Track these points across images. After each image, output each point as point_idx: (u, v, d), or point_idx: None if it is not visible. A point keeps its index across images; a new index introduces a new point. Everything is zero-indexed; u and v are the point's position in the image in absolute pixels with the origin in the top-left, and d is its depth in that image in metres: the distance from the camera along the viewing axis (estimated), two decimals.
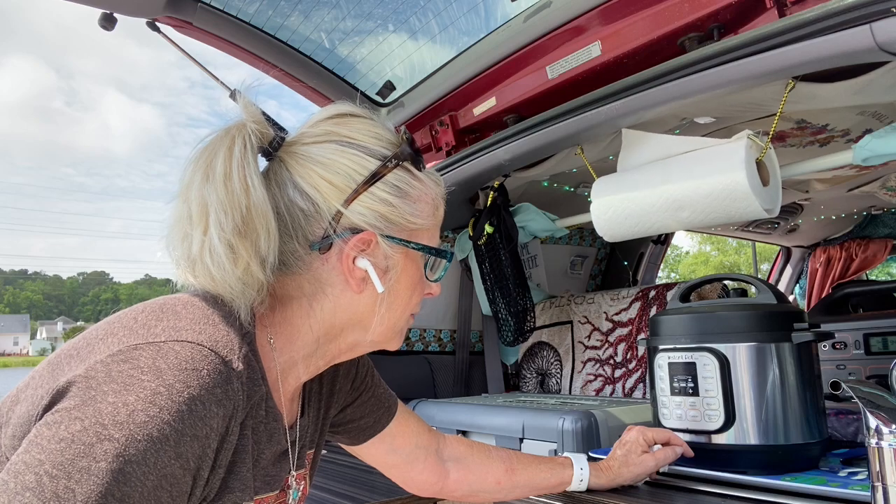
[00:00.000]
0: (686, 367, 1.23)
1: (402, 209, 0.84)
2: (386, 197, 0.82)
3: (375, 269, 0.82)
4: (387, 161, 0.83)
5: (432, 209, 0.89)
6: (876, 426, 0.87)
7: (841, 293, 1.83)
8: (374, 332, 0.87)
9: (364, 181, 0.81)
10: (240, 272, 0.75)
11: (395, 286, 0.85)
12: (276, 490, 0.84)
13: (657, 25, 1.45)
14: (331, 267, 0.82)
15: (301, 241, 0.81)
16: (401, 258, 0.85)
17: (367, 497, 1.27)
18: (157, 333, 0.70)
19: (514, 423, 1.60)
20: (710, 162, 1.42)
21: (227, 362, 0.70)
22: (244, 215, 0.75)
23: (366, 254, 0.82)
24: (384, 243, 0.82)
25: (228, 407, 0.69)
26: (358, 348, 0.90)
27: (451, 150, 2.03)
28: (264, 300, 0.80)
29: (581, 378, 2.11)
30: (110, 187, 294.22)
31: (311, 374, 0.89)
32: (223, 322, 0.74)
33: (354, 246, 0.81)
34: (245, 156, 0.77)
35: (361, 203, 0.81)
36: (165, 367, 0.66)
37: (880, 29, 1.05)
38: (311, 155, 0.82)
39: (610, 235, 1.68)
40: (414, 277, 0.88)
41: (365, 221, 0.81)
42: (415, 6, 1.75)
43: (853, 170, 2.02)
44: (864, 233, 3.33)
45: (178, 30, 1.81)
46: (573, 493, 1.20)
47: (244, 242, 0.75)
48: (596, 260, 2.78)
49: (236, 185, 0.75)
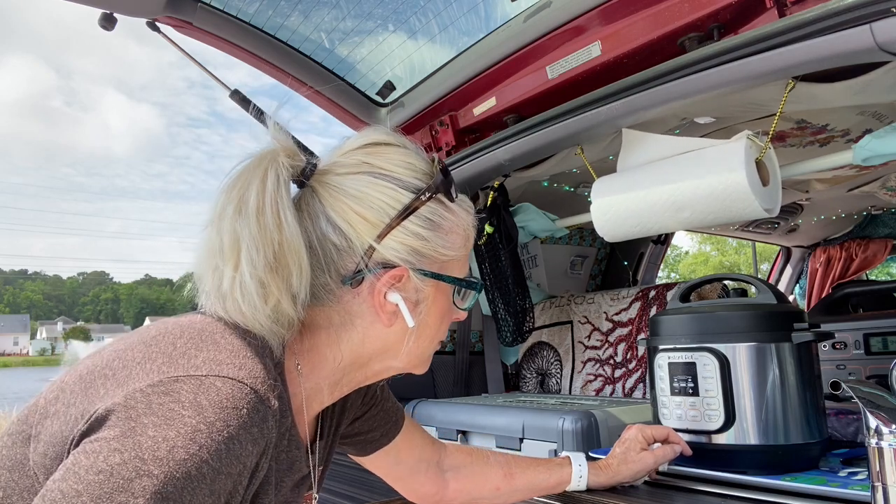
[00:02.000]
0: (686, 367, 1.23)
1: (435, 242, 0.83)
2: (419, 231, 0.81)
3: (406, 302, 0.82)
4: (420, 194, 0.82)
5: (464, 240, 0.88)
6: (876, 426, 0.87)
7: (841, 293, 1.83)
8: (401, 360, 0.87)
9: (397, 216, 0.80)
10: (269, 309, 0.74)
11: (426, 318, 0.85)
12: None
13: (657, 25, 1.45)
14: (361, 300, 0.82)
15: (333, 275, 0.80)
16: (432, 291, 0.84)
17: (367, 497, 1.27)
18: (199, 366, 0.69)
19: (514, 423, 1.60)
20: (710, 162, 1.42)
21: (265, 400, 0.69)
22: (276, 251, 0.74)
23: (397, 288, 0.81)
24: (416, 277, 0.82)
25: (262, 444, 0.69)
26: (384, 374, 0.90)
27: (451, 150, 2.03)
28: (294, 332, 0.80)
29: (581, 378, 2.11)
30: (110, 187, 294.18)
31: (334, 399, 0.89)
32: (259, 355, 0.73)
33: (386, 282, 0.80)
34: (278, 189, 0.76)
35: (394, 238, 0.80)
36: (207, 403, 0.65)
37: (880, 29, 1.05)
38: (343, 187, 0.80)
39: (610, 235, 1.68)
40: (443, 308, 0.88)
41: (397, 257, 0.80)
42: (415, 6, 1.75)
43: (853, 170, 2.02)
44: (864, 233, 3.33)
45: (178, 30, 1.81)
46: (573, 493, 1.20)
47: (275, 279, 0.74)
48: (596, 260, 2.78)
49: (269, 221, 0.74)
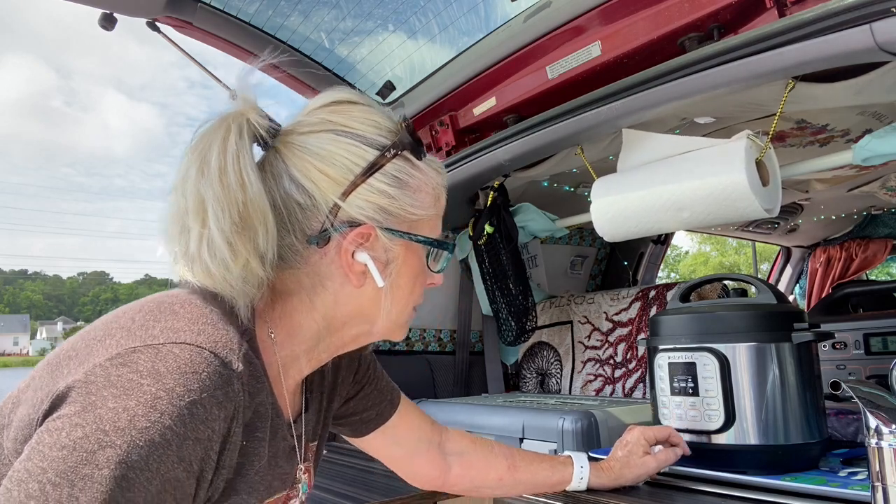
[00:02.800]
0: (686, 367, 1.23)
1: (402, 200, 0.81)
2: (385, 188, 0.80)
3: (375, 262, 0.81)
4: (385, 151, 0.80)
5: (433, 199, 0.87)
6: (876, 426, 0.87)
7: (841, 293, 1.83)
8: (377, 324, 0.86)
9: (362, 173, 0.79)
10: (239, 269, 0.74)
11: (397, 279, 0.84)
12: (287, 487, 0.84)
13: (657, 25, 1.45)
14: (329, 261, 0.81)
15: (298, 235, 0.79)
16: (401, 251, 0.83)
17: (367, 497, 1.27)
18: (156, 335, 0.69)
19: (514, 423, 1.60)
20: (711, 162, 1.42)
21: (227, 363, 0.69)
22: (241, 211, 0.74)
23: (365, 247, 0.80)
24: (384, 236, 0.81)
25: (230, 408, 0.68)
26: (361, 339, 0.89)
27: (451, 150, 2.03)
28: (264, 295, 0.79)
29: (581, 378, 2.11)
30: (110, 187, 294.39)
31: (313, 367, 0.88)
32: (222, 321, 0.74)
33: (353, 240, 0.79)
34: (241, 149, 0.75)
35: (360, 195, 0.79)
36: (165, 370, 0.65)
37: (880, 29, 1.05)
38: (306, 146, 0.80)
39: (610, 236, 1.68)
40: (416, 269, 0.86)
41: (363, 214, 0.79)
42: (415, 6, 1.75)
43: (853, 170, 2.02)
44: (864, 233, 3.33)
45: (178, 30, 1.81)
46: (573, 493, 1.20)
47: (242, 239, 0.74)
48: (596, 260, 2.78)
49: (232, 181, 0.74)
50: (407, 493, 1.29)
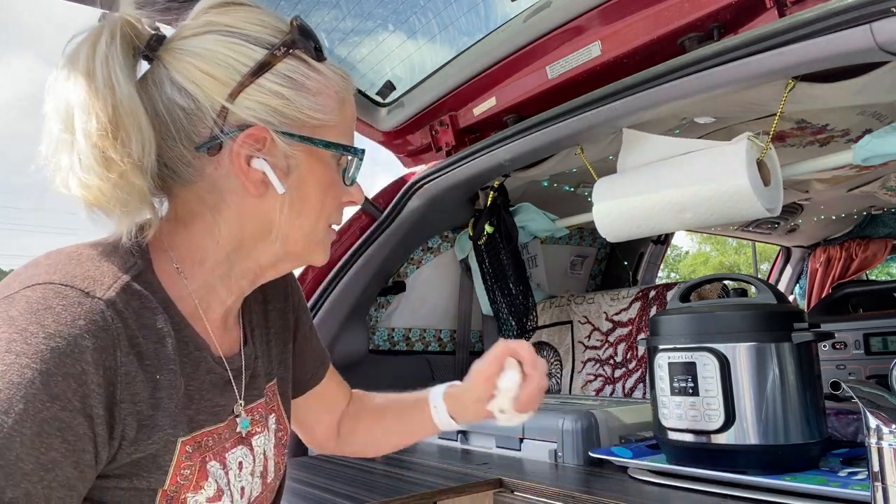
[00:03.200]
0: (686, 367, 1.23)
1: (300, 102, 0.76)
2: (277, 89, 0.74)
3: (275, 169, 0.76)
4: (275, 49, 0.75)
5: (337, 103, 0.80)
6: (876, 426, 0.87)
7: (841, 293, 1.83)
8: (288, 242, 0.81)
9: (250, 72, 0.73)
10: (115, 178, 0.69)
11: (303, 188, 0.79)
12: (223, 421, 0.80)
13: (657, 25, 1.45)
14: (225, 172, 0.76)
15: (186, 143, 0.74)
16: (304, 157, 0.78)
17: (367, 497, 1.27)
18: (12, 286, 0.66)
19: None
20: (712, 165, 1.42)
21: (88, 293, 0.66)
22: (110, 115, 0.69)
23: (262, 153, 0.75)
24: (281, 140, 0.75)
25: (103, 338, 0.65)
26: (280, 264, 0.84)
27: (451, 150, 2.03)
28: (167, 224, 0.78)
29: (581, 378, 2.11)
30: None
31: (237, 297, 0.84)
32: (94, 259, 0.70)
33: (244, 143, 0.74)
34: (110, 51, 0.70)
35: (249, 97, 0.74)
36: (17, 314, 0.63)
37: (880, 29, 1.05)
38: (188, 48, 0.74)
39: (612, 236, 1.68)
40: (324, 179, 0.81)
41: (255, 116, 0.74)
42: (415, 6, 1.75)
43: (853, 170, 2.02)
44: (864, 233, 3.33)
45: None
46: (573, 493, 1.20)
47: (114, 145, 0.69)
48: (596, 260, 2.78)
49: (100, 83, 0.69)
50: (407, 493, 1.29)
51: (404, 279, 2.22)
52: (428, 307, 2.29)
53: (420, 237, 2.17)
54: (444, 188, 1.95)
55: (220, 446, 0.80)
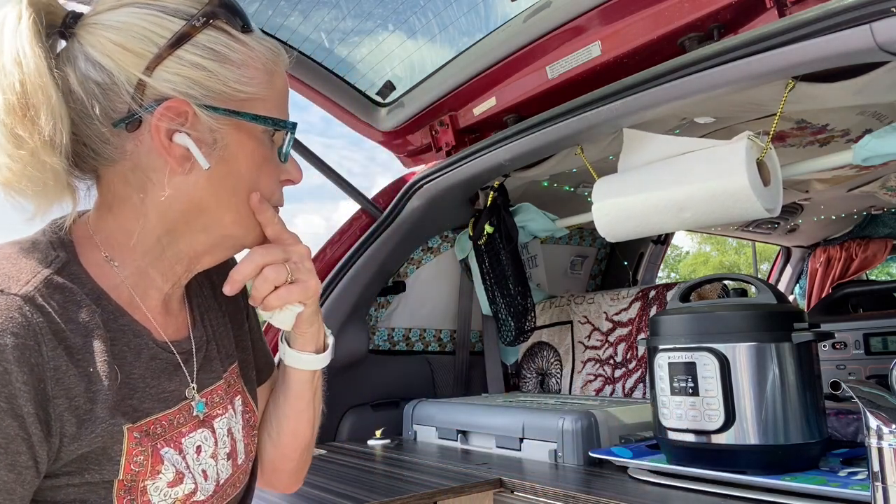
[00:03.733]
0: (686, 367, 1.23)
1: (224, 75, 0.73)
2: (198, 61, 0.72)
3: (199, 144, 0.73)
4: (193, 20, 0.72)
5: (266, 76, 0.77)
6: (876, 426, 0.87)
7: (841, 293, 1.83)
8: (221, 222, 0.78)
9: (167, 45, 0.71)
10: (25, 155, 0.68)
11: (233, 164, 0.76)
12: (174, 406, 0.78)
13: (657, 25, 1.45)
14: (147, 148, 0.73)
15: (103, 119, 0.72)
16: (231, 131, 0.75)
17: (367, 497, 1.27)
18: None
19: (514, 423, 1.60)
20: (712, 164, 1.42)
21: (3, 290, 0.65)
22: (18, 92, 0.67)
23: (185, 127, 0.72)
24: (205, 114, 0.72)
25: (24, 335, 0.64)
26: (216, 250, 0.81)
27: (451, 150, 2.03)
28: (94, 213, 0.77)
29: (581, 378, 2.11)
30: None
31: (173, 283, 0.81)
32: (11, 257, 0.70)
33: (163, 116, 0.71)
34: (19, 28, 0.68)
35: (167, 69, 0.71)
36: None
37: (880, 29, 1.05)
38: (103, 22, 0.72)
39: (612, 236, 1.68)
40: (256, 155, 0.78)
41: (174, 89, 0.71)
42: (415, 6, 1.75)
43: (853, 170, 2.02)
44: (864, 233, 3.33)
45: None
46: (572, 493, 1.20)
47: (23, 122, 0.67)
48: (596, 260, 2.78)
49: (6, 60, 0.68)
50: (407, 493, 1.29)
51: (404, 279, 2.22)
52: (428, 307, 2.29)
53: (420, 237, 2.17)
54: (444, 188, 1.95)
55: (176, 431, 0.78)
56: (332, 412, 2.02)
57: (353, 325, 2.05)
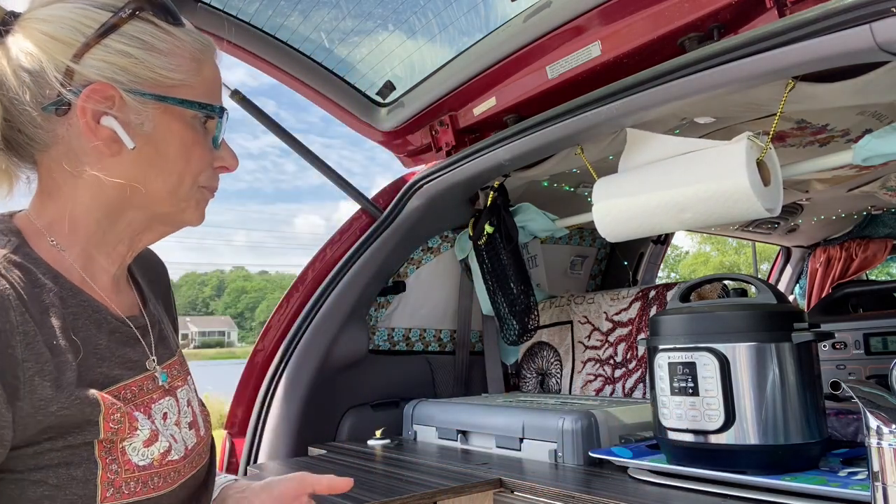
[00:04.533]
0: (686, 367, 1.23)
1: (151, 62, 0.79)
2: (124, 49, 0.78)
3: (126, 126, 0.78)
4: (120, 11, 0.78)
5: (193, 64, 0.83)
6: (876, 426, 0.87)
7: (841, 293, 1.83)
8: (154, 201, 0.83)
9: (95, 34, 0.77)
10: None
11: (161, 146, 0.81)
12: (139, 373, 0.83)
13: (657, 25, 1.45)
14: (77, 131, 0.78)
15: (34, 105, 0.77)
16: (159, 114, 0.80)
17: (367, 497, 1.27)
18: None
19: (514, 423, 1.60)
20: (712, 164, 1.42)
21: None
22: None
23: (113, 111, 0.77)
24: (131, 98, 0.78)
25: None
26: (155, 226, 0.87)
27: (451, 150, 2.03)
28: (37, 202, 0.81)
29: (581, 378, 2.11)
30: None
31: (118, 263, 0.86)
32: None
33: (89, 99, 0.76)
34: None
35: (94, 57, 0.77)
36: None
37: (880, 29, 1.05)
38: (37, 16, 0.78)
39: (612, 236, 1.68)
40: (185, 138, 0.83)
41: (101, 75, 0.77)
42: (415, 6, 1.75)
43: (853, 170, 2.02)
44: (864, 233, 3.33)
45: None
46: (571, 493, 1.20)
47: None
48: (596, 260, 2.78)
49: None
50: (407, 493, 1.29)
51: (404, 279, 2.22)
52: (428, 307, 2.29)
53: (420, 237, 2.17)
54: (444, 188, 1.95)
55: (147, 397, 0.82)
56: (332, 412, 2.03)
57: (353, 325, 2.05)
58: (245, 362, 2.09)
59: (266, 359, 2.02)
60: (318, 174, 1.95)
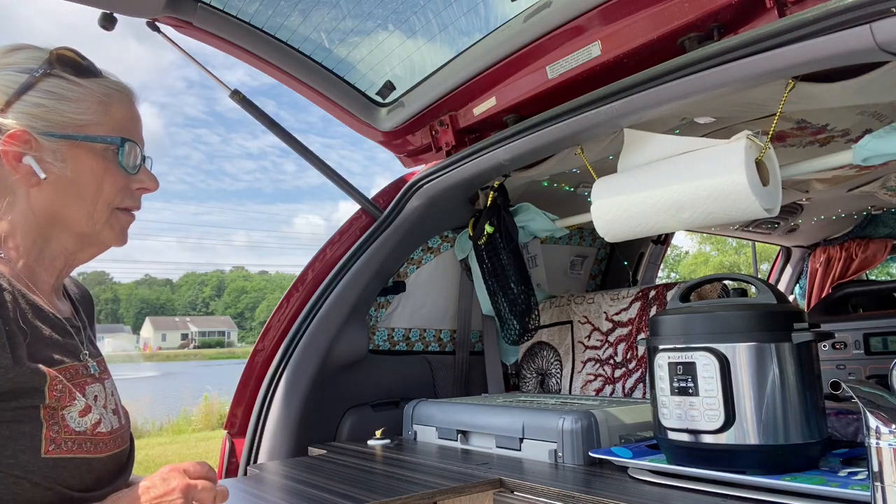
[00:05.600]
0: (686, 367, 1.23)
1: (60, 108, 0.99)
2: (38, 101, 0.98)
3: (41, 162, 0.98)
4: (33, 73, 0.98)
5: (100, 106, 1.02)
6: (876, 426, 0.87)
7: (841, 293, 1.84)
8: (75, 224, 1.02)
9: (15, 92, 0.97)
10: None
11: (75, 176, 1.00)
12: (75, 360, 0.99)
13: (657, 25, 1.45)
14: (6, 172, 0.98)
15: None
16: (70, 149, 0.99)
17: (367, 497, 1.27)
18: None
19: (514, 423, 1.60)
20: (711, 163, 1.42)
21: None
22: None
23: (31, 151, 0.97)
24: (45, 140, 0.98)
25: None
26: (85, 247, 1.05)
27: (451, 150, 2.03)
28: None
29: (581, 378, 2.11)
30: None
31: (56, 275, 1.05)
32: None
33: (8, 143, 0.96)
34: None
35: (15, 110, 0.97)
36: None
37: (880, 29, 1.05)
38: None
39: (611, 236, 1.68)
40: (97, 167, 1.01)
41: (19, 123, 0.97)
42: (415, 6, 1.75)
43: (853, 170, 2.02)
44: (864, 233, 3.33)
45: (178, 30, 1.81)
46: (571, 493, 1.20)
47: None
48: (596, 260, 2.78)
49: None
50: (407, 493, 1.29)
51: (404, 279, 2.22)
52: (428, 307, 2.29)
53: (420, 237, 2.17)
54: (444, 188, 1.95)
55: (82, 380, 0.99)
56: (332, 412, 2.03)
57: (353, 325, 2.05)
58: (245, 362, 2.09)
59: (266, 359, 2.02)
60: (318, 174, 1.95)
